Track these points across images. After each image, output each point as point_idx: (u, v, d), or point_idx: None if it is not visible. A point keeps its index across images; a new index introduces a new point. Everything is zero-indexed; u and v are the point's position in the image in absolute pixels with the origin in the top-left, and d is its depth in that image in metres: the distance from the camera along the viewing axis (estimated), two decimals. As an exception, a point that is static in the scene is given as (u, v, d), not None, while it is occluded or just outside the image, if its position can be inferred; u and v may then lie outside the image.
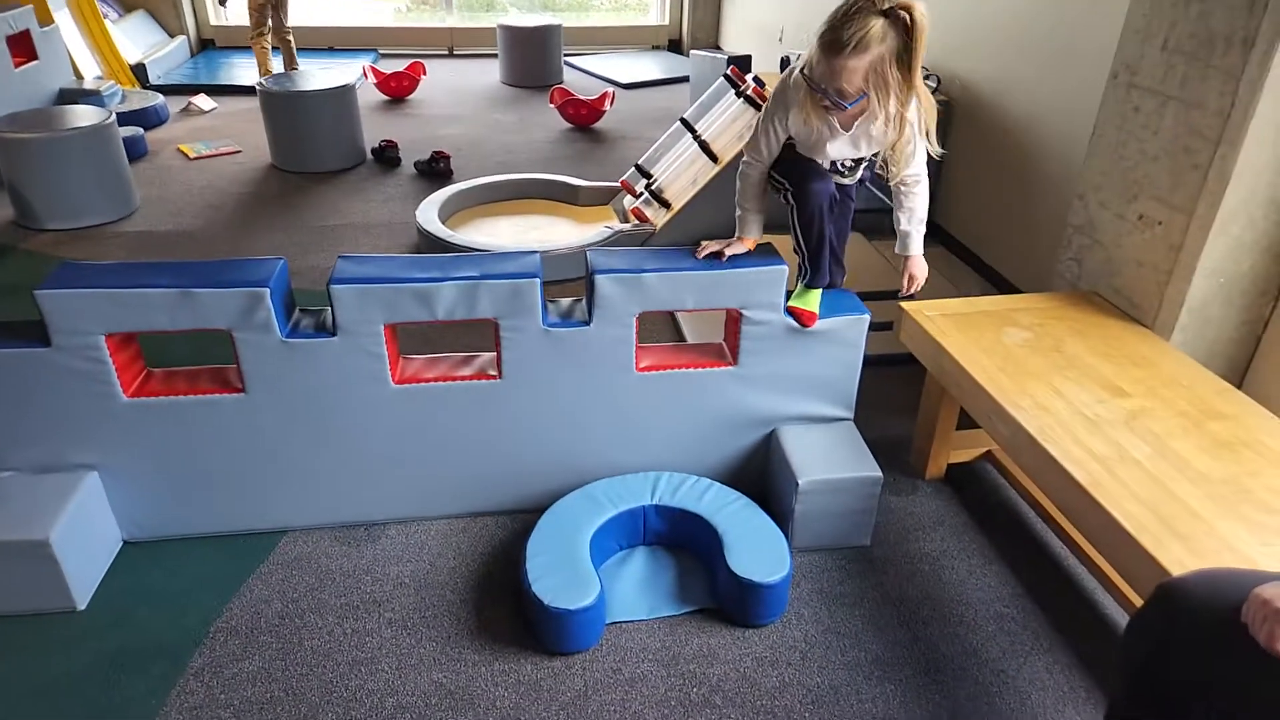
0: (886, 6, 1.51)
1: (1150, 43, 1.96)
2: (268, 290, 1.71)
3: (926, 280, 1.96)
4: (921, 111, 1.69)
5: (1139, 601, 1.63)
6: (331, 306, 1.76)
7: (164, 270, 1.74)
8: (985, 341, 1.95)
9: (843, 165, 1.83)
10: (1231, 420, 1.69)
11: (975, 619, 1.80)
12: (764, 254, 1.90)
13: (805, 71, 1.63)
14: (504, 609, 1.79)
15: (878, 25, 1.51)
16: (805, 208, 1.82)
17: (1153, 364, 1.88)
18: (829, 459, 1.92)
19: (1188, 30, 1.86)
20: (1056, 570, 1.94)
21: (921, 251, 1.91)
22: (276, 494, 1.94)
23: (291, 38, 5.82)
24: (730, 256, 1.86)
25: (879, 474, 1.89)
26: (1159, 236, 1.98)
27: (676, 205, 3.30)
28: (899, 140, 1.71)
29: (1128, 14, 2.02)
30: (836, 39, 1.53)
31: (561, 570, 1.70)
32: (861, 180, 1.92)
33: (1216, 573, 1.16)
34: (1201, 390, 1.79)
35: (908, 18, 1.50)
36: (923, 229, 1.89)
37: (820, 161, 1.81)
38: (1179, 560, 1.36)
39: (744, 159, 1.88)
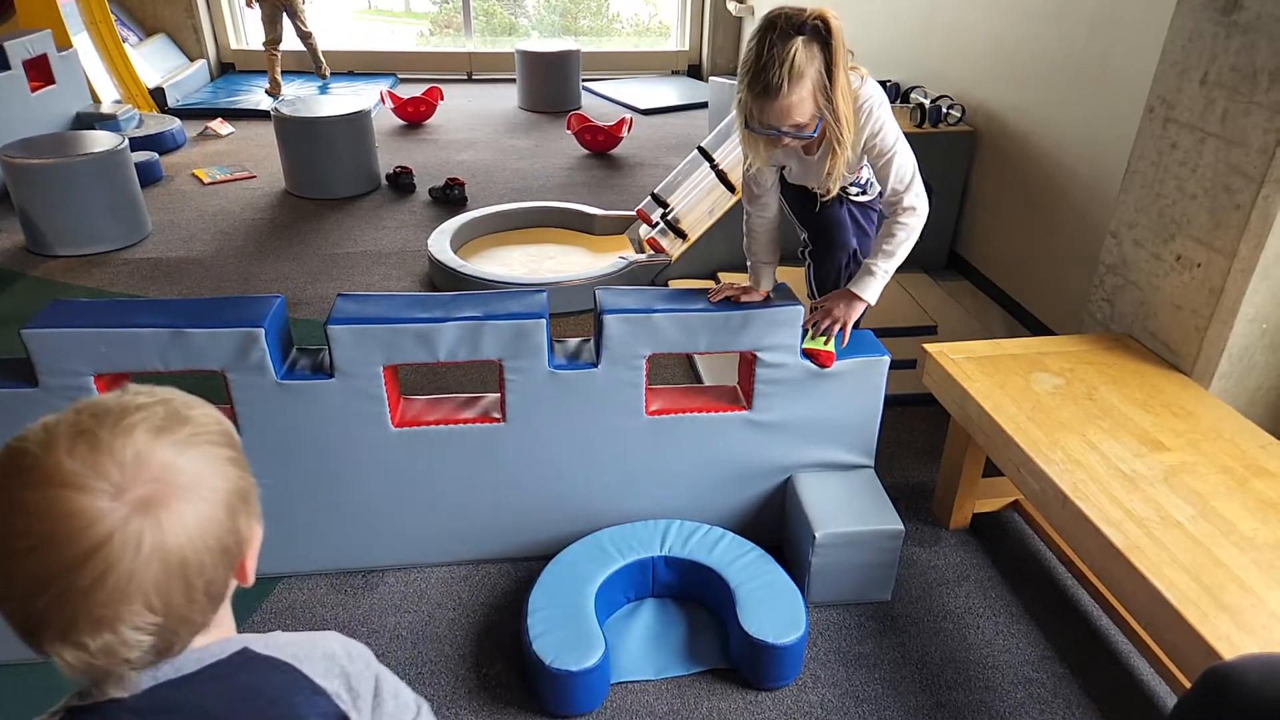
0: (799, 23, 1.43)
1: (1188, 76, 1.87)
2: (263, 330, 1.65)
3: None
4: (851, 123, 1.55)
5: (1179, 671, 1.53)
6: (329, 347, 1.70)
7: (156, 308, 1.69)
8: (1013, 388, 1.86)
9: (842, 190, 1.75)
10: (1277, 479, 1.59)
11: (1002, 684, 1.69)
12: (779, 295, 1.82)
13: (750, 125, 1.52)
14: (505, 665, 1.70)
15: (799, 47, 1.42)
16: (825, 263, 1.75)
17: (1192, 414, 1.77)
18: (848, 510, 1.82)
19: (1229, 64, 1.77)
20: (1089, 631, 1.82)
21: (864, 295, 1.66)
22: (271, 539, 1.83)
23: (315, 41, 5.88)
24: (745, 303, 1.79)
25: (901, 526, 1.79)
26: (1198, 279, 1.88)
27: (693, 236, 3.23)
28: (843, 146, 1.56)
29: (1164, 46, 1.94)
30: (768, 82, 1.43)
31: (565, 627, 1.62)
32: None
33: (1273, 659, 1.06)
34: (1245, 444, 1.69)
35: (823, 26, 1.43)
36: (881, 267, 1.63)
37: (817, 190, 1.73)
38: (1226, 637, 1.26)
39: (745, 211, 1.79)
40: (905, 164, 1.61)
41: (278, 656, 0.67)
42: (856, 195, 1.80)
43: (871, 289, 1.67)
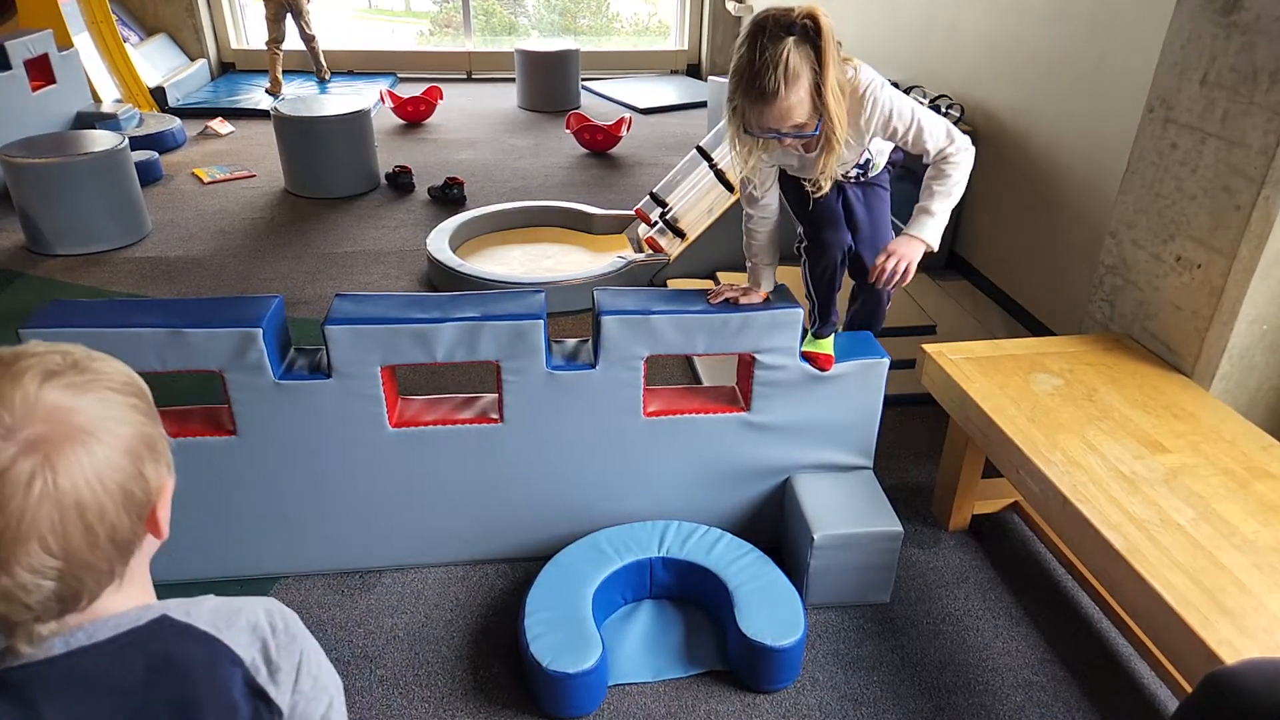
0: (787, 24, 1.39)
1: (1188, 76, 1.86)
2: (260, 330, 1.64)
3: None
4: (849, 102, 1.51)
5: (1179, 674, 1.52)
6: (326, 347, 1.70)
7: (154, 308, 1.69)
8: (1013, 388, 1.85)
9: (844, 174, 1.71)
10: (1278, 481, 1.58)
11: (1002, 687, 1.68)
12: (778, 297, 1.81)
13: (749, 131, 1.49)
14: (502, 667, 1.70)
15: (791, 48, 1.39)
16: (819, 261, 1.73)
17: (1193, 416, 1.77)
18: (846, 511, 1.81)
19: (1228, 64, 1.76)
20: (1089, 634, 1.82)
21: (924, 237, 1.59)
22: (268, 540, 1.86)
23: (318, 45, 5.90)
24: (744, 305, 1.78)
25: (899, 528, 1.78)
26: (1198, 279, 1.88)
27: (692, 235, 3.23)
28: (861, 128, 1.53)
29: (1163, 46, 1.93)
30: (763, 87, 1.40)
31: (562, 629, 1.61)
32: (893, 162, 1.77)
33: (1275, 665, 1.05)
34: (1245, 446, 1.68)
35: (812, 25, 1.40)
36: (937, 207, 1.57)
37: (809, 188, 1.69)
38: (1227, 641, 1.25)
39: (745, 212, 1.76)
40: (934, 126, 1.57)
41: (196, 625, 0.65)
42: (860, 178, 1.76)
43: (929, 229, 1.59)
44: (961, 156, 1.58)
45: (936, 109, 3.24)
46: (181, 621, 0.65)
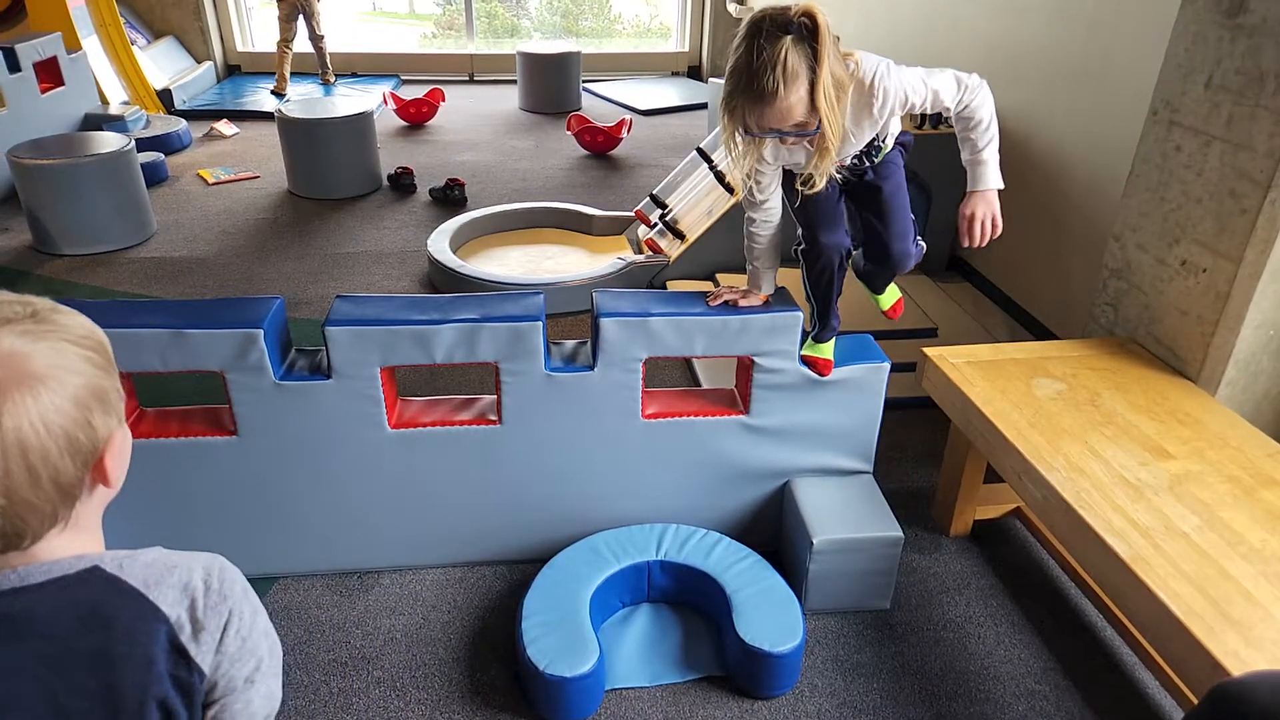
0: (784, 23, 1.36)
1: (1192, 79, 1.85)
2: (261, 331, 1.64)
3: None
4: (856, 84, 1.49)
5: (1184, 685, 1.50)
6: (326, 348, 1.69)
7: (157, 309, 1.69)
8: (1015, 393, 1.84)
9: (846, 163, 1.66)
10: (1286, 487, 1.56)
11: (1004, 696, 1.67)
12: (778, 300, 1.80)
13: (750, 132, 1.46)
14: (499, 669, 1.69)
15: (789, 47, 1.35)
16: (816, 263, 1.72)
17: (1198, 421, 1.75)
18: (846, 516, 1.80)
19: (1234, 67, 1.75)
20: (1093, 642, 1.80)
21: (990, 186, 1.62)
22: (268, 540, 1.86)
23: (325, 46, 5.93)
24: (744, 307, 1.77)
25: (900, 534, 1.77)
26: (1203, 284, 1.86)
27: (691, 236, 3.22)
28: (879, 115, 1.52)
29: (1168, 48, 1.91)
30: (762, 87, 1.37)
31: (559, 632, 1.60)
32: (902, 144, 1.74)
33: (1280, 675, 1.04)
34: (1252, 452, 1.66)
35: (809, 23, 1.36)
36: (986, 154, 1.60)
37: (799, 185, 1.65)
38: (1234, 652, 1.23)
39: (746, 216, 1.73)
40: (944, 83, 1.55)
41: (126, 580, 0.66)
42: (866, 163, 1.72)
43: (990, 176, 1.61)
44: (980, 97, 1.58)
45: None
46: (111, 574, 0.66)
